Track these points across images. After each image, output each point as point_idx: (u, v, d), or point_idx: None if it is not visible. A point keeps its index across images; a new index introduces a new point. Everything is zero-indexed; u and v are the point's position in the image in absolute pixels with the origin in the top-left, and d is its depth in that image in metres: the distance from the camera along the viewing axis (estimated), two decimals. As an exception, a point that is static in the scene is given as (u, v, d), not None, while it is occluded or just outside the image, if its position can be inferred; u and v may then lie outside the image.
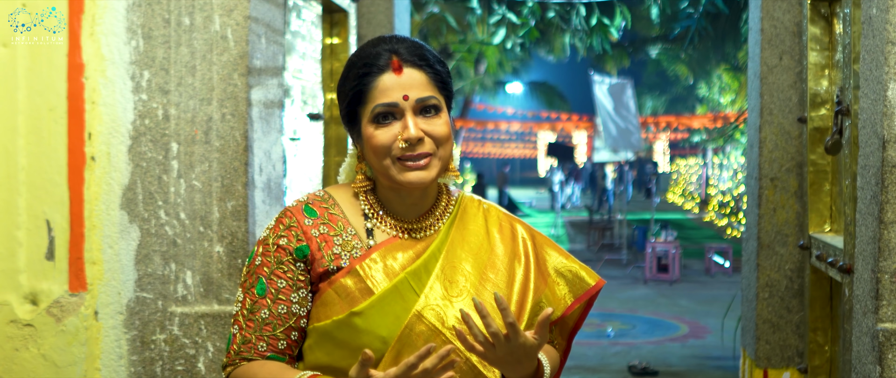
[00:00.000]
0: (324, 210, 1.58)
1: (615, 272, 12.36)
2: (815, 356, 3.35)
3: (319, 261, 1.54)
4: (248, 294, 1.55)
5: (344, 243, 1.56)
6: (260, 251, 1.57)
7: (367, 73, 1.53)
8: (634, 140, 13.75)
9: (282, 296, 1.54)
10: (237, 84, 2.54)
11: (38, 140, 2.57)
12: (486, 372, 1.54)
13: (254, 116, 2.58)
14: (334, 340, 1.52)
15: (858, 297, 2.31)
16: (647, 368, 6.62)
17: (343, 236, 1.56)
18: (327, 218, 1.57)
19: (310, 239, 1.55)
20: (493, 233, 1.64)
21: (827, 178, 3.34)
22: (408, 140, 1.51)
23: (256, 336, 1.54)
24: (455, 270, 1.57)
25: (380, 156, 1.53)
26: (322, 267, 1.54)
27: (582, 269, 1.68)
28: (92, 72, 2.55)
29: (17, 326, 2.59)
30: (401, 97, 1.51)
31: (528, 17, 14.05)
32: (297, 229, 1.55)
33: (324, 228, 1.56)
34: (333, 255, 1.54)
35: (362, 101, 1.53)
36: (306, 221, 1.56)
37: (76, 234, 2.57)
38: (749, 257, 3.84)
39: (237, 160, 2.54)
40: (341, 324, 1.51)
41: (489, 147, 41.06)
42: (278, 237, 1.56)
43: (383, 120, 1.52)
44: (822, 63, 3.35)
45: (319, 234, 1.55)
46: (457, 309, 1.53)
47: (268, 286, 1.54)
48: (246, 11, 2.54)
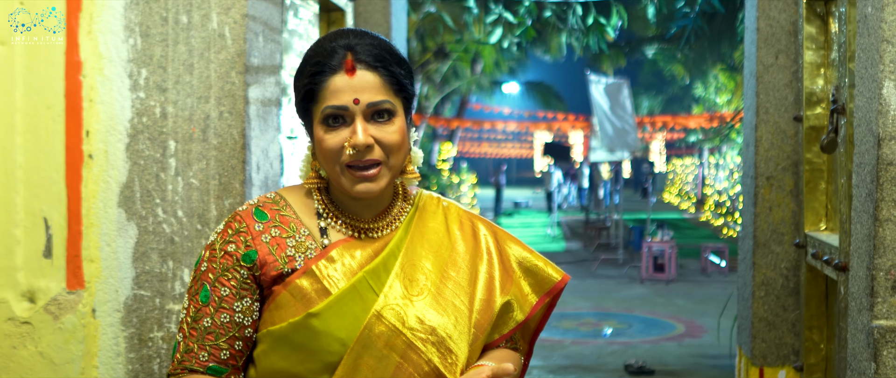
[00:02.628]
0: (274, 212, 1.52)
1: (611, 272, 12.37)
2: (810, 354, 3.36)
3: (271, 264, 1.48)
4: (192, 301, 1.50)
5: (297, 245, 1.50)
6: (207, 256, 1.51)
7: (320, 71, 1.47)
8: (631, 140, 13.76)
9: (225, 304, 1.48)
10: (235, 82, 2.55)
11: (36, 138, 2.58)
12: (447, 374, 1.49)
13: (251, 114, 2.58)
14: (291, 344, 1.46)
15: (853, 295, 2.32)
16: (643, 367, 6.63)
17: (296, 238, 1.51)
18: (278, 220, 1.51)
19: (259, 244, 1.49)
20: (453, 230, 1.60)
21: (823, 176, 3.35)
22: (355, 146, 1.45)
23: (198, 345, 1.48)
24: (415, 268, 1.52)
25: (329, 161, 1.48)
26: (275, 270, 1.48)
27: (547, 265, 1.64)
28: (90, 70, 2.55)
29: (15, 324, 2.60)
30: (351, 100, 1.45)
31: (525, 16, 14.07)
32: (245, 235, 1.49)
33: (275, 231, 1.50)
34: (287, 258, 1.49)
35: (314, 100, 1.48)
36: (256, 226, 1.50)
37: (74, 231, 2.58)
38: (745, 256, 3.85)
39: (234, 158, 2.55)
40: (297, 326, 1.45)
41: (486, 147, 41.08)
42: (226, 243, 1.50)
43: (333, 122, 1.46)
44: (818, 62, 3.36)
45: (271, 238, 1.49)
46: (417, 308, 1.48)
47: (212, 293, 1.48)
48: (244, 10, 2.54)
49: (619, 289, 10.88)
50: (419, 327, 1.47)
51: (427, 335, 1.47)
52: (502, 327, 1.60)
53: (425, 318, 1.48)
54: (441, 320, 1.49)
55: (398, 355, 1.46)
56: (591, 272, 12.45)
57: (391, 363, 1.45)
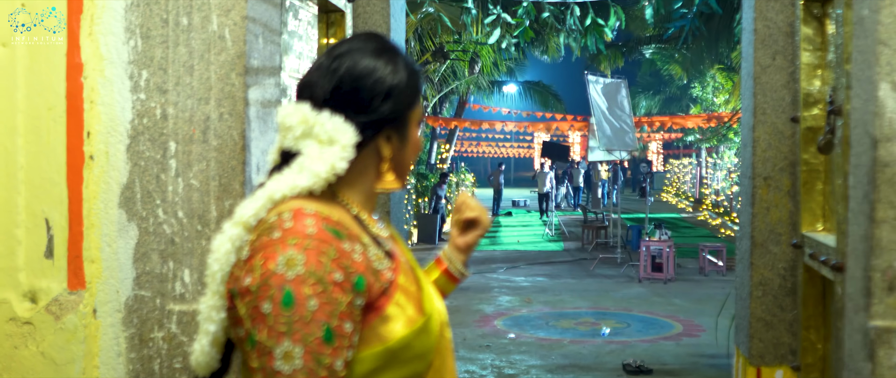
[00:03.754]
0: (342, 227, 1.39)
1: (610, 271, 12.38)
2: (807, 354, 3.37)
3: (374, 284, 1.37)
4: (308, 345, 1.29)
5: (376, 257, 1.41)
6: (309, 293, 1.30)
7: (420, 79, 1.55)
8: (629, 140, 13.77)
9: (349, 341, 1.32)
10: (235, 84, 2.56)
11: (38, 139, 2.59)
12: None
13: (251, 116, 2.60)
14: (412, 350, 1.40)
15: (850, 295, 2.33)
16: (641, 367, 6.65)
17: (370, 250, 1.41)
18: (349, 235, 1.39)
19: (357, 266, 1.35)
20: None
21: (819, 177, 3.36)
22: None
23: None
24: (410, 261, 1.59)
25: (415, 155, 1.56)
26: (377, 287, 1.38)
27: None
28: (91, 71, 2.56)
29: (17, 324, 2.61)
30: None
31: (523, 17, 14.07)
32: (344, 260, 1.33)
33: (358, 248, 1.38)
34: (377, 272, 1.39)
35: (415, 105, 1.52)
36: (345, 246, 1.35)
37: (75, 232, 2.59)
38: (742, 256, 3.87)
39: (234, 159, 2.56)
40: (420, 331, 1.40)
41: (484, 147, 41.08)
42: (329, 272, 1.31)
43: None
44: (815, 63, 3.37)
45: (361, 256, 1.37)
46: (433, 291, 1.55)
47: (336, 332, 1.30)
48: (243, 11, 2.55)
49: (617, 288, 10.89)
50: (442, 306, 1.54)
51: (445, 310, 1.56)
52: None
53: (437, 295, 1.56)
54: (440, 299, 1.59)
55: (447, 338, 1.52)
56: (589, 272, 12.46)
57: (446, 342, 1.51)
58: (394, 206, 4.38)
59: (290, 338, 1.28)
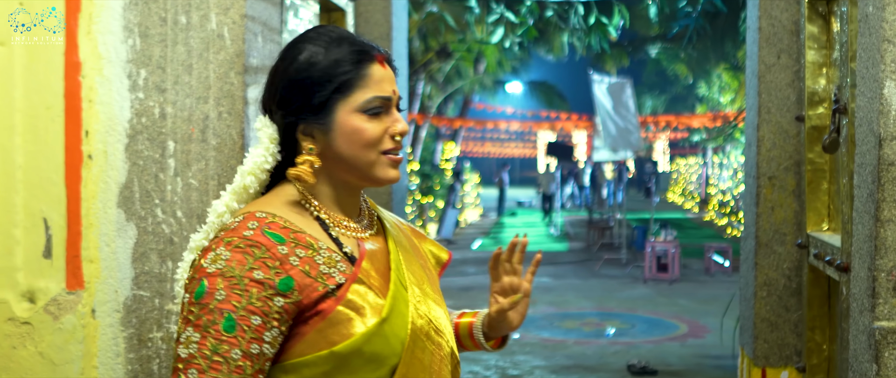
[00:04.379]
0: (286, 231, 1.40)
1: (614, 271, 12.36)
2: (812, 355, 3.35)
3: (311, 286, 1.38)
4: (207, 333, 1.32)
5: (327, 261, 1.41)
6: (221, 285, 1.34)
7: (361, 61, 1.46)
8: (634, 139, 13.75)
9: (255, 334, 1.33)
10: (234, 82, 2.54)
11: (36, 138, 2.57)
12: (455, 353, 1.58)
13: (250, 115, 2.58)
14: (363, 356, 1.39)
15: (855, 296, 2.31)
16: (646, 367, 6.63)
17: (321, 254, 1.41)
18: (295, 239, 1.40)
19: (291, 268, 1.37)
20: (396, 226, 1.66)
21: (825, 176, 3.34)
22: (402, 134, 1.49)
23: None
24: (410, 262, 1.56)
25: (367, 149, 1.45)
26: (317, 291, 1.39)
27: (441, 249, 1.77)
28: (89, 70, 2.55)
29: (15, 324, 2.59)
30: (392, 91, 1.49)
31: (527, 15, 14.05)
32: (271, 260, 1.36)
33: (300, 252, 1.39)
34: (324, 276, 1.40)
35: (348, 90, 1.45)
36: (280, 249, 1.37)
37: (73, 232, 2.57)
38: (747, 256, 3.84)
39: (234, 158, 2.54)
40: (372, 335, 1.39)
41: (489, 146, 41.06)
42: (248, 270, 1.35)
43: (375, 112, 1.46)
44: (820, 61, 3.35)
45: (299, 259, 1.39)
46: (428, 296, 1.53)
47: (239, 323, 1.32)
48: (242, 10, 2.54)
49: (622, 289, 10.86)
50: (435, 314, 1.52)
51: (441, 320, 1.53)
52: None
53: (436, 303, 1.54)
54: (441, 303, 1.57)
55: (432, 343, 1.49)
56: (593, 272, 12.43)
57: (429, 353, 1.48)
58: (396, 206, 4.36)
59: (193, 325, 1.33)
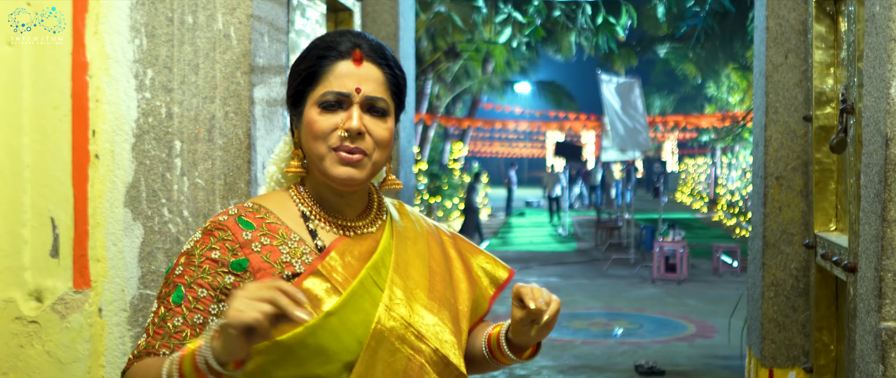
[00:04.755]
0: (259, 221, 1.49)
1: (623, 272, 12.34)
2: (820, 355, 3.33)
3: (266, 271, 1.45)
4: (162, 303, 1.44)
5: (292, 250, 1.48)
6: (183, 261, 1.46)
7: (326, 56, 1.49)
8: (642, 139, 13.72)
9: (200, 305, 1.43)
10: (240, 82, 2.55)
11: (43, 138, 2.58)
12: (454, 360, 1.53)
13: (257, 115, 2.59)
14: (308, 348, 1.42)
15: (862, 296, 2.30)
16: (653, 368, 6.61)
17: (288, 244, 1.48)
18: (266, 228, 1.48)
19: (249, 253, 1.45)
20: (424, 232, 1.65)
21: (832, 176, 3.33)
22: (349, 130, 1.47)
23: (162, 342, 1.41)
24: (407, 265, 1.55)
25: (317, 141, 1.48)
26: (271, 277, 1.44)
27: (497, 265, 1.74)
28: (96, 70, 2.56)
29: (22, 323, 2.61)
30: (354, 88, 1.48)
31: (534, 15, 14.04)
32: (231, 242, 1.45)
33: (265, 239, 1.47)
34: (283, 264, 1.46)
35: (313, 83, 1.49)
36: (244, 235, 1.46)
37: (80, 231, 2.58)
38: (755, 256, 3.83)
39: (240, 158, 2.55)
40: (316, 328, 1.41)
41: (497, 146, 41.04)
42: (208, 249, 1.45)
43: (328, 107, 1.48)
44: (828, 61, 3.33)
45: (262, 246, 1.46)
46: (419, 301, 1.52)
47: (186, 294, 1.43)
48: (249, 10, 2.54)
49: (630, 289, 10.84)
50: (424, 319, 1.51)
51: (431, 326, 1.52)
52: (473, 318, 1.71)
53: (428, 310, 1.53)
54: (440, 312, 1.54)
55: (409, 347, 1.49)
56: (602, 272, 12.42)
57: (403, 356, 1.48)
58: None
59: (158, 295, 1.47)
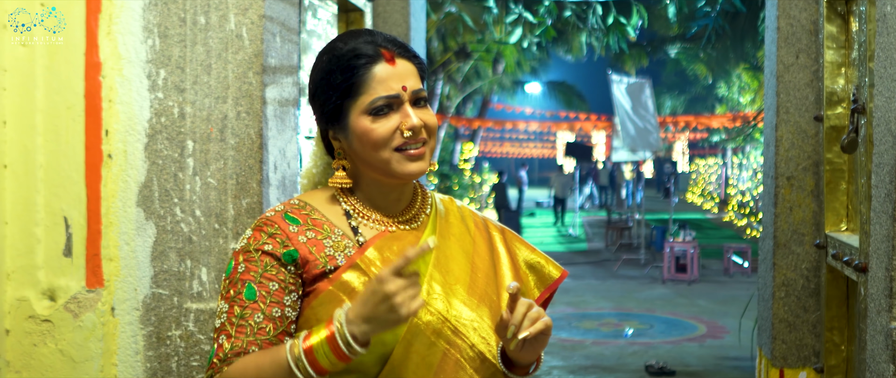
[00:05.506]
0: (305, 216, 1.54)
1: (633, 272, 12.32)
2: (831, 356, 3.33)
3: (313, 263, 1.50)
4: (234, 302, 1.48)
5: (335, 244, 1.52)
6: (241, 260, 1.51)
7: (358, 65, 1.50)
8: (653, 140, 13.70)
9: (275, 298, 1.48)
10: (252, 82, 2.56)
11: (56, 138, 2.60)
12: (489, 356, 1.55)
13: (269, 115, 2.60)
14: None
15: (873, 296, 2.29)
16: (664, 368, 6.61)
17: (332, 238, 1.53)
18: (311, 223, 1.54)
19: (297, 244, 1.50)
20: (471, 227, 1.66)
21: (843, 176, 3.32)
22: (412, 129, 1.50)
23: (249, 341, 1.46)
24: (448, 260, 1.57)
25: (379, 148, 1.50)
26: (317, 269, 1.50)
27: (548, 263, 1.73)
28: (109, 70, 2.58)
29: (36, 322, 2.63)
30: (400, 88, 1.50)
31: (545, 16, 14.03)
32: (281, 236, 1.51)
33: (310, 233, 1.52)
34: (327, 257, 1.51)
35: (354, 94, 1.50)
36: (291, 228, 1.52)
37: (93, 230, 2.60)
38: (765, 256, 3.83)
39: (252, 158, 2.56)
40: None
41: (507, 147, 41.01)
42: (261, 244, 1.51)
43: (380, 112, 1.50)
44: (839, 61, 3.33)
45: (307, 239, 1.51)
46: (458, 296, 1.54)
47: (258, 290, 1.48)
48: (261, 10, 2.55)
49: (641, 289, 10.83)
50: (462, 315, 1.53)
51: (469, 321, 1.53)
52: None
53: (466, 305, 1.54)
54: (479, 308, 1.56)
55: (445, 342, 1.51)
56: (612, 272, 12.40)
57: (439, 349, 1.51)
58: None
59: (223, 298, 1.49)
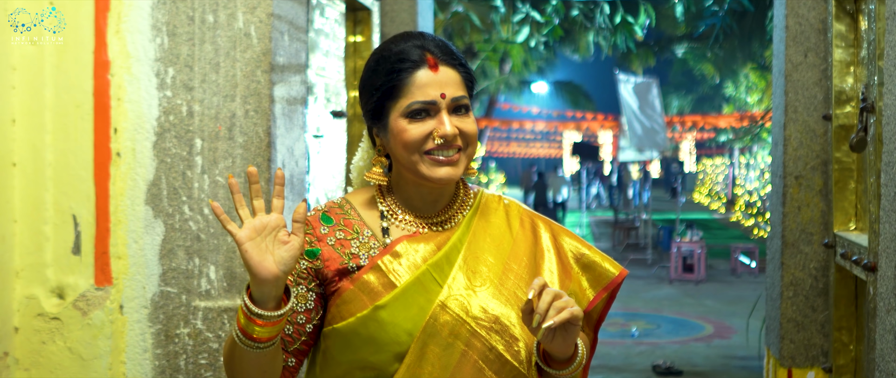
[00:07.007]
0: (339, 216, 1.61)
1: (640, 272, 12.30)
2: (839, 355, 3.32)
3: (335, 259, 1.56)
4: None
5: (361, 244, 1.58)
6: None
7: (402, 69, 1.54)
8: (660, 139, 13.68)
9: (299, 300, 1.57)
10: (260, 81, 2.56)
11: (65, 136, 2.61)
12: (512, 360, 1.54)
13: (277, 113, 2.60)
14: (360, 337, 1.53)
15: (882, 295, 2.29)
16: (671, 368, 6.59)
17: (359, 239, 1.58)
18: (343, 224, 1.60)
19: (322, 244, 1.57)
20: (515, 226, 1.65)
21: (852, 175, 3.31)
22: (444, 137, 1.53)
23: None
24: (478, 261, 1.58)
25: (410, 150, 1.54)
26: (339, 264, 1.56)
27: (605, 261, 1.69)
28: (118, 69, 2.58)
29: (45, 320, 2.63)
30: (438, 95, 1.53)
31: (552, 15, 14.01)
32: (311, 236, 1.58)
33: (340, 234, 1.59)
34: (351, 255, 1.57)
35: (395, 96, 1.54)
36: (321, 229, 1.59)
37: (102, 228, 2.61)
38: (773, 256, 3.82)
39: (260, 156, 2.56)
40: (366, 319, 1.52)
41: (514, 146, 40.97)
42: None
43: (417, 116, 1.53)
44: (848, 60, 3.32)
45: (335, 240, 1.58)
46: (480, 298, 1.54)
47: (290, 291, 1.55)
48: (269, 9, 2.56)
49: (648, 289, 10.81)
50: (483, 316, 1.54)
51: (491, 323, 1.54)
52: None
53: (488, 307, 1.54)
54: (504, 309, 1.55)
55: (463, 343, 1.53)
56: (619, 272, 12.37)
57: (456, 351, 1.52)
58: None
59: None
